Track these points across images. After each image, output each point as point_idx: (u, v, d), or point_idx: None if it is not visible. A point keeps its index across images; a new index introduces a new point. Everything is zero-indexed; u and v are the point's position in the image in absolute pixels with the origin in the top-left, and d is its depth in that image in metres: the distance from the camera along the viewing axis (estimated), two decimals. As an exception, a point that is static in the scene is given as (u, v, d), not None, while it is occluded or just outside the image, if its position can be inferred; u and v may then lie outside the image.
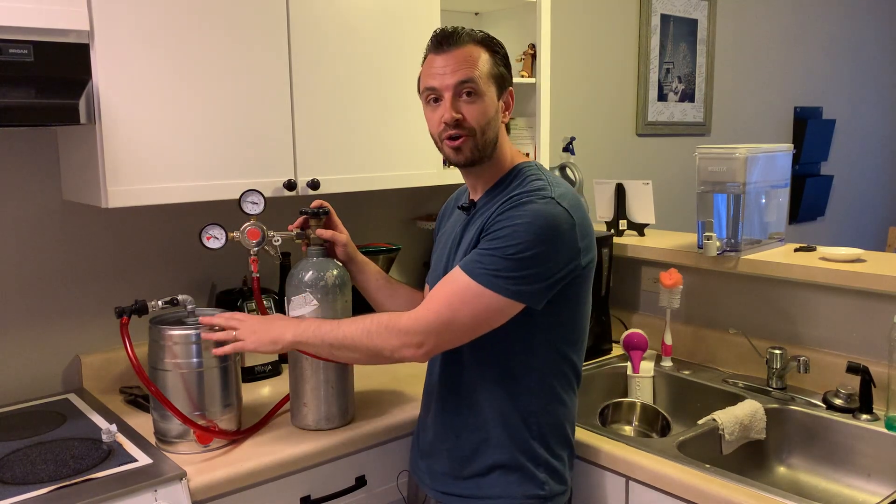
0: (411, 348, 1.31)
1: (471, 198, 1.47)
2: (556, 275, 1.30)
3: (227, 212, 1.64)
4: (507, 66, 1.41)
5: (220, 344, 1.43)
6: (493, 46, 1.38)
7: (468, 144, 1.36)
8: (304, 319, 1.43)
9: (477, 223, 1.38)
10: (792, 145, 2.16)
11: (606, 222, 2.40)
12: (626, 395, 1.98)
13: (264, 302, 1.79)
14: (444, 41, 1.35)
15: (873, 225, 4.74)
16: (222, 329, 1.43)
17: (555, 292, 1.32)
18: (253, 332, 1.40)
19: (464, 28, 1.37)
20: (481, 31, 1.39)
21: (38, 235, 1.76)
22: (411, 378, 1.87)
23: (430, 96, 1.37)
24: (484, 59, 1.35)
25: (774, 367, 1.85)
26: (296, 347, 1.41)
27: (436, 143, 1.41)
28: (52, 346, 1.80)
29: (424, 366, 1.51)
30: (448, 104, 1.34)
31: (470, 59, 1.34)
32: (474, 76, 1.33)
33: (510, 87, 1.41)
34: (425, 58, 1.40)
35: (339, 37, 1.81)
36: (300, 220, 1.59)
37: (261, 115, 1.70)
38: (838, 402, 1.72)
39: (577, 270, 1.34)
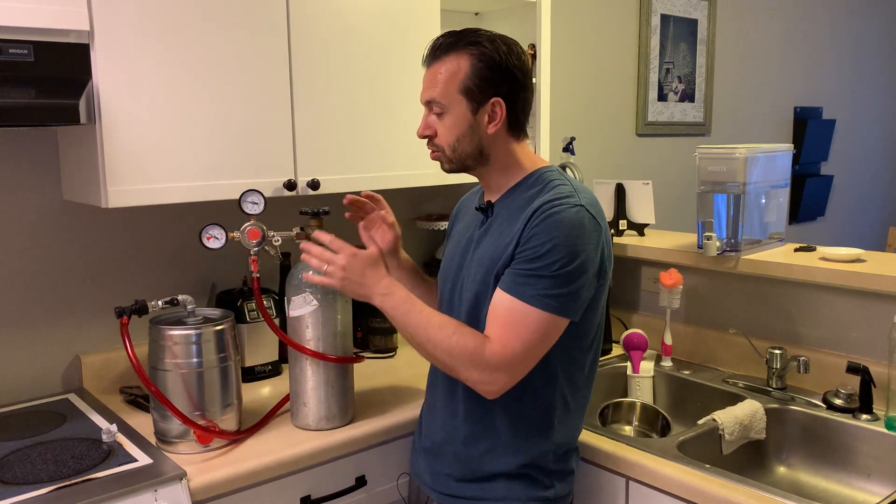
0: (492, 385, 1.30)
1: (487, 199, 1.45)
2: (592, 284, 1.32)
3: (227, 212, 1.64)
4: (505, 72, 1.33)
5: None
6: (483, 53, 1.31)
7: (441, 158, 1.41)
8: (395, 289, 1.38)
9: (505, 229, 1.35)
10: (792, 145, 2.16)
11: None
12: (626, 395, 1.98)
13: (264, 302, 1.79)
14: (427, 55, 1.37)
15: (873, 225, 4.75)
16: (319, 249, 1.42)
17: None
18: (343, 276, 1.38)
19: (451, 35, 1.34)
20: (475, 34, 1.33)
21: (38, 235, 1.76)
22: (412, 378, 1.87)
23: None
24: (458, 72, 1.32)
25: (774, 367, 1.85)
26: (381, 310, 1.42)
27: None
28: (52, 346, 1.80)
29: (425, 366, 1.51)
30: (423, 119, 1.39)
31: (438, 77, 1.33)
32: (435, 97, 1.34)
33: (496, 98, 1.33)
34: None
35: (339, 37, 1.81)
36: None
37: (261, 115, 1.70)
38: (838, 402, 1.72)
39: (602, 277, 1.35)
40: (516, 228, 1.33)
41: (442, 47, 1.34)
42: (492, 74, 1.32)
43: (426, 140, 1.41)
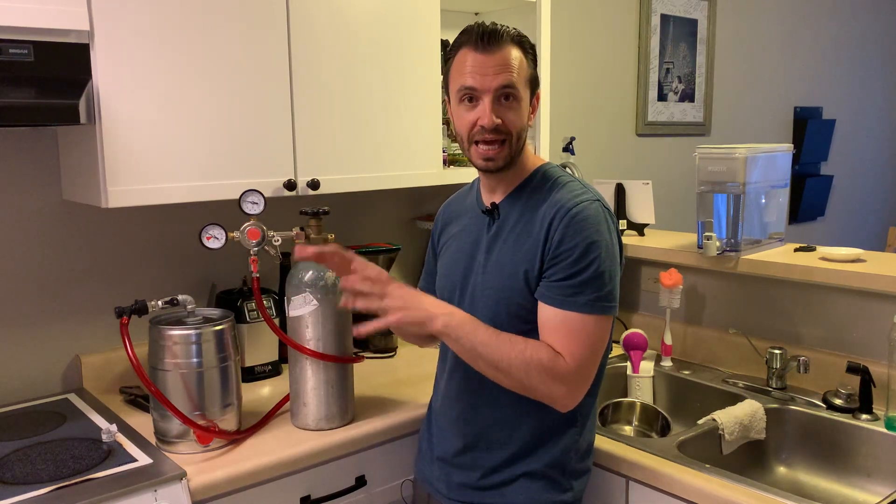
0: (570, 398, 1.29)
1: (492, 200, 1.42)
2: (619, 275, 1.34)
3: (227, 212, 1.64)
4: (537, 66, 1.38)
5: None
6: (526, 47, 1.34)
7: (503, 153, 1.32)
8: (455, 309, 1.32)
9: (522, 232, 1.34)
10: (792, 145, 2.16)
11: (606, 222, 2.40)
12: (626, 395, 1.98)
13: (264, 302, 1.79)
14: (487, 39, 1.29)
15: (873, 225, 4.75)
16: (366, 285, 1.31)
17: None
18: (401, 307, 1.28)
19: (504, 26, 1.32)
20: (515, 29, 1.34)
21: (38, 235, 1.76)
22: (412, 378, 1.87)
23: (466, 95, 1.32)
24: (522, 62, 1.31)
25: (774, 367, 1.85)
26: (440, 336, 1.31)
27: (461, 141, 1.37)
28: (52, 346, 1.80)
29: (426, 367, 1.51)
30: (488, 108, 1.29)
31: (511, 63, 1.29)
32: (514, 81, 1.29)
33: (538, 90, 1.38)
34: (457, 51, 1.33)
35: (339, 36, 1.81)
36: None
37: (261, 115, 1.70)
38: (838, 402, 1.72)
39: (621, 268, 1.36)
40: (537, 231, 1.31)
41: (503, 36, 1.30)
42: (536, 69, 1.37)
43: (479, 129, 1.30)
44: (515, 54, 1.31)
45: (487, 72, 1.28)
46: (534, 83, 1.36)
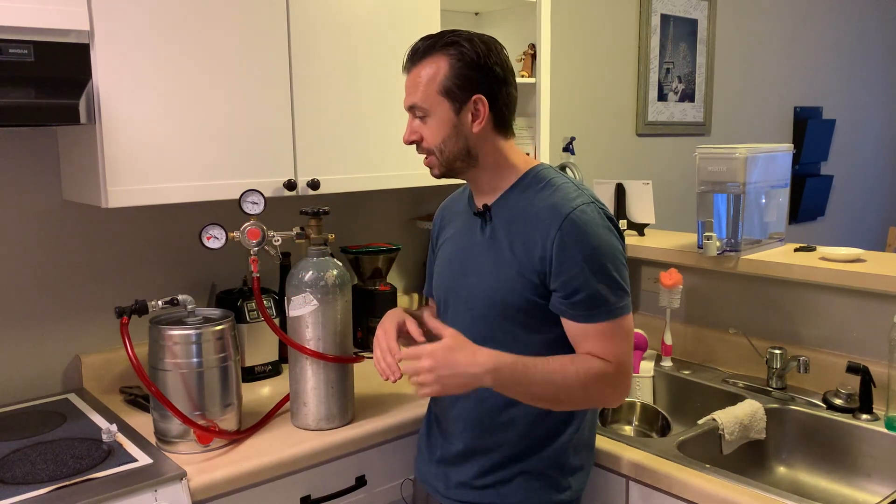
0: (623, 394, 1.34)
1: (483, 202, 1.42)
2: None
3: (227, 212, 1.64)
4: (484, 69, 1.31)
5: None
6: (461, 53, 1.30)
7: (433, 162, 1.38)
8: (499, 358, 1.25)
9: (516, 236, 1.34)
10: (792, 145, 2.16)
11: (606, 222, 2.40)
12: (626, 395, 1.98)
13: (264, 302, 1.79)
14: (406, 61, 1.36)
15: (873, 225, 4.75)
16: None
17: None
18: (436, 378, 1.22)
19: (428, 39, 1.33)
20: (452, 35, 1.32)
21: (37, 235, 1.76)
22: (411, 378, 1.87)
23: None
24: (437, 74, 1.30)
25: (774, 367, 1.85)
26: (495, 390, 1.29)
27: None
28: (52, 346, 1.80)
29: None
30: (408, 126, 1.38)
31: (418, 81, 1.32)
32: (416, 102, 1.33)
33: (477, 95, 1.30)
34: None
35: (339, 37, 1.81)
36: None
37: (261, 114, 1.70)
38: (838, 402, 1.72)
39: None
40: (532, 235, 1.31)
41: (420, 51, 1.33)
42: (471, 73, 1.30)
43: (416, 146, 1.39)
44: (428, 69, 1.31)
45: (406, 92, 1.36)
46: (454, 93, 1.30)
